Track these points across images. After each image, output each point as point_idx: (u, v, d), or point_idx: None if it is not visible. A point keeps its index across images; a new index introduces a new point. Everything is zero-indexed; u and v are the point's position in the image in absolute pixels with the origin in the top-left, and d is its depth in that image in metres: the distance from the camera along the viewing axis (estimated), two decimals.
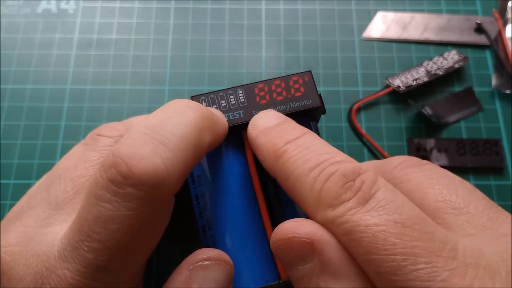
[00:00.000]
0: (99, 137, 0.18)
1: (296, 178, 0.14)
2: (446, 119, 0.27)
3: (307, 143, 0.15)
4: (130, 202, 0.13)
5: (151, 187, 0.13)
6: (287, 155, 0.15)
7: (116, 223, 0.13)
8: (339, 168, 0.14)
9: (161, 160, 0.13)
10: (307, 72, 0.19)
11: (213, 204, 0.18)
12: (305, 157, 0.15)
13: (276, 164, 0.15)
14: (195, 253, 0.16)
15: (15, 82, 0.28)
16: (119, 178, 0.13)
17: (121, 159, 0.13)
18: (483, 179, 0.26)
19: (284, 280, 0.17)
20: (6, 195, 0.25)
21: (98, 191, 0.13)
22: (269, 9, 0.31)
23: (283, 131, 0.16)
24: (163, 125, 0.15)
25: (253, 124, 0.17)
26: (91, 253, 0.13)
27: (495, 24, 0.30)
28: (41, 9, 0.30)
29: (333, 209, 0.13)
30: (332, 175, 0.14)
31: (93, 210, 0.13)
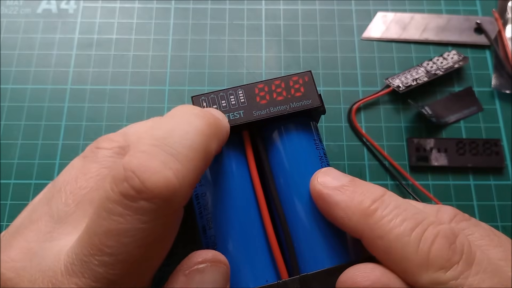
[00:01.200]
0: (98, 149, 0.18)
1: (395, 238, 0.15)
2: (446, 119, 0.27)
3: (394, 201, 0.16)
4: (143, 215, 0.13)
5: (164, 200, 0.13)
6: (379, 213, 0.15)
7: (128, 236, 0.13)
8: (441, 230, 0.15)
9: (172, 172, 0.14)
10: (307, 72, 0.19)
11: (213, 204, 0.18)
12: (401, 216, 0.15)
13: (367, 222, 0.15)
14: (190, 256, 0.15)
15: (15, 82, 0.28)
16: (131, 192, 0.13)
17: (133, 173, 0.13)
18: (483, 179, 0.26)
19: (284, 280, 0.17)
20: (6, 195, 0.25)
21: (110, 204, 0.13)
22: (269, 9, 0.31)
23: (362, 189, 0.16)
24: (171, 135, 0.14)
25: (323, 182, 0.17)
26: (102, 267, 0.13)
27: (495, 24, 0.30)
28: (41, 9, 0.30)
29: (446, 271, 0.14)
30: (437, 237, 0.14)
31: (104, 224, 0.13)
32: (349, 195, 0.16)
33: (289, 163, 0.19)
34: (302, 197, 0.18)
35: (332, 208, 0.16)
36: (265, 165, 0.19)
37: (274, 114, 0.19)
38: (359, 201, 0.16)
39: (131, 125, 0.21)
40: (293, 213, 0.18)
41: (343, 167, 0.26)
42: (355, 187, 0.16)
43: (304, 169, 0.19)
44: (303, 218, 0.18)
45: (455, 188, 0.26)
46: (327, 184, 0.17)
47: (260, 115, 0.19)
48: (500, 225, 0.25)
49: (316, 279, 0.17)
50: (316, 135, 0.20)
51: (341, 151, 0.27)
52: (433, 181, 0.26)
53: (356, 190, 0.16)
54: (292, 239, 0.18)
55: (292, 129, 0.19)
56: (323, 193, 0.17)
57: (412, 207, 0.16)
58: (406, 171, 0.26)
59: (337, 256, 0.17)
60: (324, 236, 0.17)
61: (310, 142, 0.19)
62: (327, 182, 0.17)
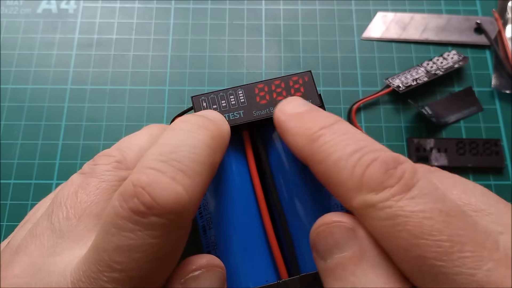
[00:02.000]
0: (95, 165, 0.18)
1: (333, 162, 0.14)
2: (446, 119, 0.27)
3: (344, 129, 0.15)
4: (154, 231, 0.13)
5: (175, 215, 0.13)
6: (323, 139, 0.15)
7: (139, 252, 0.13)
8: (380, 155, 0.14)
9: (183, 187, 0.14)
10: (307, 72, 0.19)
11: (213, 204, 0.18)
12: (343, 142, 0.15)
13: (311, 147, 0.15)
14: (184, 264, 0.15)
15: (15, 82, 0.28)
16: (142, 208, 0.13)
17: (143, 189, 0.13)
18: (483, 179, 0.26)
19: (284, 280, 0.17)
20: (6, 195, 0.25)
21: (119, 221, 0.13)
22: (269, 9, 0.31)
23: (316, 117, 0.16)
24: (178, 150, 0.14)
25: (282, 109, 0.17)
26: (111, 284, 0.13)
27: (495, 24, 0.30)
28: (41, 9, 0.30)
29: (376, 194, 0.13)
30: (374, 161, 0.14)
31: (113, 240, 0.13)
32: (301, 122, 0.16)
33: (289, 163, 0.19)
34: (302, 197, 0.18)
35: (284, 135, 0.17)
36: (265, 165, 0.19)
37: None
38: (307, 127, 0.16)
39: (124, 138, 0.20)
40: (293, 213, 0.18)
41: None
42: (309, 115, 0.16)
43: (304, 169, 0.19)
44: (303, 218, 0.18)
45: None
46: (286, 111, 0.17)
47: (260, 115, 0.19)
48: None
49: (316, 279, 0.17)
50: None
51: None
52: None
53: (308, 118, 0.16)
54: (292, 239, 0.18)
55: None
56: (279, 119, 0.17)
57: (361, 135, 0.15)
58: None
59: None
60: None
61: None
62: (285, 109, 0.17)
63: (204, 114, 0.17)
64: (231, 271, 0.17)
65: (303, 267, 0.17)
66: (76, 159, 0.26)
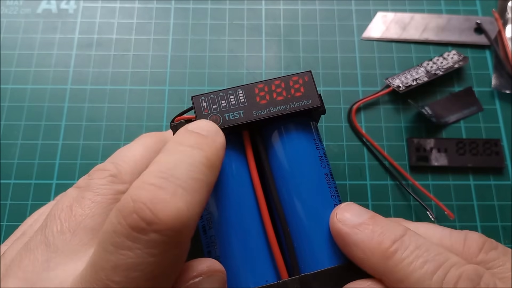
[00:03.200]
0: (91, 180, 0.18)
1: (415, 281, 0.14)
2: (446, 119, 0.27)
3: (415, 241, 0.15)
4: (153, 249, 0.13)
5: (176, 232, 0.13)
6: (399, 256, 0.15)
7: (138, 271, 0.13)
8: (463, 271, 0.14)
9: (184, 203, 0.13)
10: (307, 72, 0.19)
11: (213, 204, 0.18)
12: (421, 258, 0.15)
13: (386, 264, 0.15)
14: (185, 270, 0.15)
15: (15, 82, 0.28)
16: (142, 224, 0.13)
17: (144, 205, 0.13)
18: (483, 179, 0.26)
19: (284, 280, 0.17)
20: (6, 195, 0.25)
21: (117, 238, 0.13)
22: (269, 9, 0.31)
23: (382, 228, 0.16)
24: (177, 168, 0.14)
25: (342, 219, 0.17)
26: None
27: (495, 24, 0.30)
28: (41, 9, 0.30)
29: None
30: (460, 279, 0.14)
31: (111, 259, 0.13)
32: (368, 235, 0.16)
33: (289, 163, 0.19)
34: (302, 197, 0.18)
35: (351, 248, 0.16)
36: (265, 165, 0.19)
37: (274, 114, 0.19)
38: (378, 241, 0.16)
39: (119, 151, 0.20)
40: (293, 213, 0.18)
41: (343, 167, 0.26)
42: (375, 226, 0.16)
43: (304, 169, 0.19)
44: (303, 218, 0.18)
45: (455, 188, 0.26)
46: (346, 222, 0.17)
47: (260, 115, 0.19)
48: (500, 225, 0.25)
49: (316, 279, 0.17)
50: (316, 135, 0.20)
51: (341, 151, 0.27)
52: (433, 181, 0.26)
53: (375, 229, 0.16)
54: (292, 239, 0.18)
55: (292, 129, 0.19)
56: (342, 232, 0.16)
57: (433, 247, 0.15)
58: (406, 171, 0.26)
59: (337, 256, 0.17)
60: (324, 236, 0.17)
61: (310, 142, 0.19)
62: (346, 220, 0.17)
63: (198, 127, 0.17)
64: (231, 271, 0.17)
65: (303, 267, 0.17)
66: (76, 159, 0.26)
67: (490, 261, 0.16)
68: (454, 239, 0.17)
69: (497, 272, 0.16)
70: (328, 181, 0.19)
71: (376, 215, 0.17)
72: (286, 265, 0.17)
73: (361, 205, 0.18)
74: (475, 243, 0.17)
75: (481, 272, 0.15)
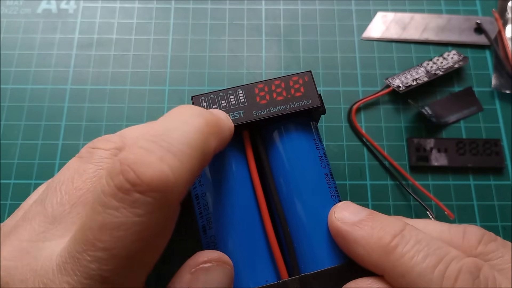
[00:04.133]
0: (94, 150, 0.18)
1: (417, 275, 0.15)
2: (446, 119, 0.27)
3: (415, 236, 0.16)
4: (138, 209, 0.13)
5: (159, 193, 0.13)
6: (400, 250, 0.15)
7: (123, 230, 0.13)
8: (463, 264, 0.15)
9: (169, 167, 0.14)
10: (307, 72, 0.19)
11: (213, 204, 0.18)
12: (422, 252, 0.15)
13: (387, 259, 0.15)
14: (196, 255, 0.16)
15: (15, 82, 0.28)
16: (127, 185, 0.13)
17: (128, 167, 0.13)
18: (483, 179, 0.26)
19: (284, 280, 0.17)
20: (6, 195, 0.25)
21: (105, 198, 0.13)
22: (269, 9, 0.31)
23: (381, 223, 0.16)
24: (169, 132, 0.15)
25: (340, 218, 0.17)
26: (95, 263, 0.13)
27: (495, 24, 0.30)
28: (41, 9, 0.30)
29: None
30: (460, 273, 0.15)
31: (98, 218, 0.13)
32: (368, 231, 0.16)
33: (289, 163, 0.19)
34: (302, 197, 0.18)
35: (351, 245, 0.16)
36: (265, 165, 0.19)
37: (274, 114, 0.19)
38: (378, 237, 0.16)
39: (128, 127, 0.21)
40: (293, 213, 0.18)
41: (343, 167, 0.26)
42: (374, 222, 0.16)
43: (304, 169, 0.19)
44: (303, 218, 0.18)
45: (455, 188, 0.26)
46: (345, 220, 0.17)
47: (260, 115, 0.19)
48: (500, 225, 0.25)
49: (316, 279, 0.17)
50: (316, 135, 0.20)
51: (341, 151, 0.27)
52: (433, 181, 0.26)
53: (375, 225, 0.16)
54: (292, 239, 0.18)
55: (292, 129, 0.19)
56: (342, 230, 0.17)
57: (433, 241, 0.15)
58: (406, 171, 0.26)
59: (337, 256, 0.17)
60: (324, 236, 0.17)
61: (310, 142, 0.19)
62: (344, 218, 0.17)
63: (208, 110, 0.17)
64: None
65: (303, 267, 0.17)
66: None
67: (489, 253, 0.16)
68: (453, 233, 0.17)
69: (496, 264, 0.16)
70: (328, 181, 0.19)
71: (374, 212, 0.17)
72: (286, 265, 0.17)
73: (361, 205, 0.18)
74: (474, 236, 0.17)
75: (480, 265, 0.15)
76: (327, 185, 0.18)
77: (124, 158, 0.14)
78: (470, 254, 0.16)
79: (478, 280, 0.14)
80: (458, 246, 0.16)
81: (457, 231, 0.17)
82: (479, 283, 0.14)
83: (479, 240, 0.17)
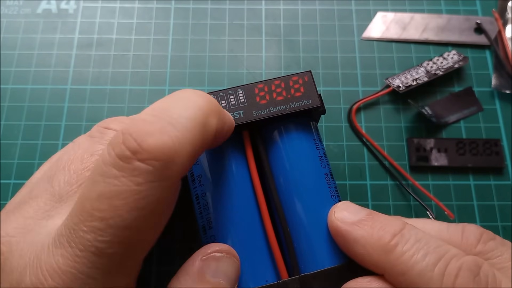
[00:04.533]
0: (106, 130, 0.18)
1: (417, 274, 0.15)
2: (446, 119, 0.27)
3: (415, 235, 0.16)
4: (137, 177, 0.13)
5: (160, 162, 0.13)
6: (400, 249, 0.15)
7: (121, 199, 0.13)
8: (463, 262, 0.15)
9: (170, 137, 0.14)
10: (307, 72, 0.19)
11: (213, 204, 0.18)
12: (422, 251, 0.15)
13: (387, 258, 0.15)
14: (207, 246, 0.16)
15: (15, 82, 0.28)
16: (127, 153, 0.13)
17: (130, 136, 0.13)
18: (483, 179, 0.26)
19: (284, 280, 0.17)
20: (6, 195, 0.25)
21: (105, 167, 0.13)
22: (269, 9, 0.31)
23: (382, 223, 0.16)
24: (171, 107, 0.15)
25: (340, 218, 0.17)
26: (91, 234, 0.13)
27: (495, 24, 0.30)
28: (41, 9, 0.30)
29: None
30: (460, 271, 0.14)
31: (97, 188, 0.13)
32: (368, 231, 0.16)
33: (289, 163, 0.19)
34: (302, 197, 0.18)
35: (351, 245, 0.16)
36: (265, 165, 0.19)
37: (274, 114, 0.19)
38: (378, 236, 0.16)
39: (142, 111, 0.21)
40: (293, 213, 0.18)
41: (343, 167, 0.26)
42: (373, 222, 0.16)
43: (304, 169, 0.19)
44: (303, 218, 0.18)
45: (455, 188, 0.26)
46: (345, 220, 0.17)
47: (260, 115, 0.19)
48: (500, 225, 0.25)
49: (316, 279, 0.17)
50: (316, 135, 0.20)
51: (341, 151, 0.27)
52: (433, 181, 0.26)
53: (374, 225, 0.16)
54: (292, 239, 0.18)
55: (292, 129, 0.19)
56: (342, 229, 0.17)
57: (433, 239, 0.16)
58: (406, 171, 0.26)
59: (337, 256, 0.17)
60: (324, 236, 0.17)
61: (310, 142, 0.19)
62: (344, 218, 0.17)
63: None
64: None
65: (303, 267, 0.17)
66: None
67: (489, 251, 0.16)
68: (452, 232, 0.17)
69: (495, 263, 0.16)
70: (328, 181, 0.19)
71: (373, 212, 0.17)
72: (286, 265, 0.17)
73: (361, 205, 0.18)
74: (473, 234, 0.17)
75: (480, 263, 0.15)
76: (327, 185, 0.18)
77: (125, 128, 0.14)
78: (469, 253, 0.16)
79: (478, 277, 0.14)
80: (457, 245, 0.16)
81: (456, 229, 0.17)
82: (479, 280, 0.14)
83: (478, 238, 0.17)
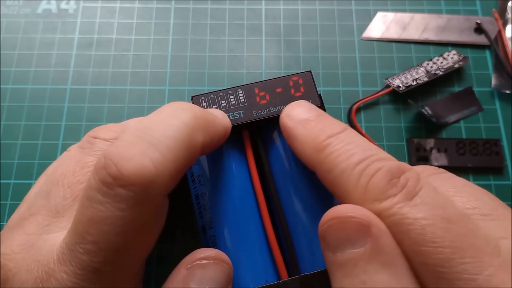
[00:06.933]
0: (95, 140, 0.18)
1: (340, 172, 0.15)
2: (446, 119, 0.27)
3: (350, 138, 0.15)
4: (120, 203, 0.13)
5: (140, 187, 0.13)
6: (330, 148, 0.15)
7: (107, 224, 0.13)
8: (385, 165, 0.14)
9: (150, 160, 0.14)
10: (307, 72, 0.19)
11: (213, 204, 0.18)
12: (349, 151, 0.15)
13: (318, 157, 0.15)
14: (193, 252, 0.16)
15: (15, 82, 0.28)
16: (109, 179, 0.13)
17: (111, 161, 0.14)
18: (483, 179, 0.26)
19: (284, 280, 0.17)
20: (6, 195, 0.25)
21: (91, 192, 0.14)
22: (269, 9, 0.31)
23: (323, 124, 0.16)
24: (154, 126, 0.15)
25: (289, 115, 0.17)
26: (86, 255, 0.14)
27: (495, 24, 0.30)
28: (41, 9, 0.30)
29: (380, 203, 0.13)
30: (378, 171, 0.14)
31: (87, 212, 0.14)
32: (308, 130, 0.16)
33: (289, 163, 0.19)
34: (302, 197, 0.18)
35: (292, 141, 0.17)
36: (265, 165, 0.19)
37: (274, 114, 0.19)
38: (315, 136, 0.16)
39: (133, 118, 0.21)
40: (293, 213, 0.18)
41: None
42: (317, 123, 0.16)
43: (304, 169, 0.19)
44: (303, 218, 0.18)
45: None
46: (293, 117, 0.17)
47: (260, 115, 0.19)
48: None
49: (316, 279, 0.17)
50: None
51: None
52: None
53: (316, 126, 0.16)
54: (292, 239, 0.18)
55: None
56: (287, 126, 0.17)
57: (366, 143, 0.15)
58: None
59: None
60: None
61: None
62: (293, 115, 0.17)
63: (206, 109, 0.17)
64: None
65: (303, 267, 0.17)
66: None
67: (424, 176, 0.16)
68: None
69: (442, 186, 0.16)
70: None
71: (324, 114, 0.17)
72: (286, 265, 0.17)
73: None
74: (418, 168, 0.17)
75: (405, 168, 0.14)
76: None
77: (107, 152, 0.14)
78: None
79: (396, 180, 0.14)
80: None
81: None
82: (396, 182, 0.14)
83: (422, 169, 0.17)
